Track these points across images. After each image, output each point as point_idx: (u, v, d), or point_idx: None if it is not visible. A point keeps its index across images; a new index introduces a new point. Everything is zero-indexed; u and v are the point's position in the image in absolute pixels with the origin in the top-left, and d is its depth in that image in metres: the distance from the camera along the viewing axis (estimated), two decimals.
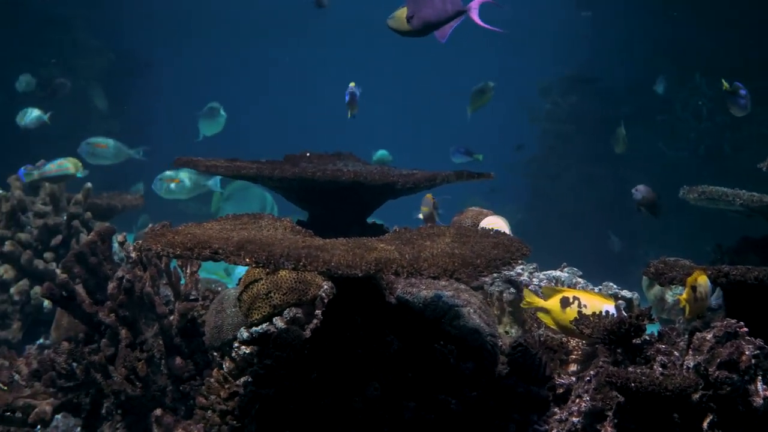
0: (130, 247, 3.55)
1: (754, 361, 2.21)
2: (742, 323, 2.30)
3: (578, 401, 2.49)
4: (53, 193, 4.60)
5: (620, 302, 2.72)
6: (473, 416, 2.50)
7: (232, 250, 2.08)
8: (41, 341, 4.28)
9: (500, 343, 2.91)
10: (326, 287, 2.91)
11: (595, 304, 2.47)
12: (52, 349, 3.34)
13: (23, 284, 4.36)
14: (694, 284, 2.40)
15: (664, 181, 5.45)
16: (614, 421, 2.29)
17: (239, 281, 3.16)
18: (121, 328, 3.23)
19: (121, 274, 3.29)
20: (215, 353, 3.16)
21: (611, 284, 3.56)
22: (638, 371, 2.20)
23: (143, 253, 3.45)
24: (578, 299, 2.50)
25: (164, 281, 3.45)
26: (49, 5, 10.61)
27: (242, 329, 2.96)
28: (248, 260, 2.06)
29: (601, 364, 2.45)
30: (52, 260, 4.48)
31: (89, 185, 4.75)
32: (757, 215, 3.93)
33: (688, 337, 2.42)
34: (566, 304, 2.49)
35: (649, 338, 2.42)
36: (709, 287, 2.46)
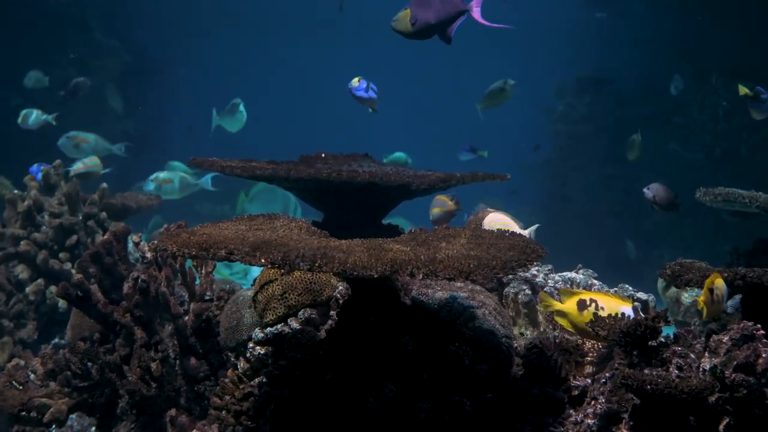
0: (145, 247, 3.56)
1: None
2: (758, 326, 2.29)
3: (594, 403, 2.49)
4: (69, 193, 4.61)
5: (636, 304, 2.70)
6: (488, 418, 2.50)
7: (247, 250, 2.08)
8: (56, 341, 4.30)
9: (515, 344, 2.90)
10: (341, 288, 2.90)
11: (612, 306, 2.46)
12: (67, 348, 3.35)
13: (39, 284, 4.37)
14: (711, 286, 2.39)
15: (678, 182, 5.43)
16: (630, 423, 2.28)
17: (254, 281, 3.17)
18: (136, 328, 3.24)
19: (136, 274, 3.29)
20: (230, 353, 3.17)
21: (627, 286, 3.54)
22: (654, 373, 2.19)
23: (158, 253, 3.45)
24: (595, 301, 2.49)
25: (179, 281, 3.45)
26: (64, 5, 10.63)
27: (257, 330, 2.96)
28: (264, 261, 2.05)
29: (616, 366, 2.44)
30: (67, 260, 4.49)
31: (105, 185, 4.76)
32: (754, 216, 3.91)
33: (704, 339, 2.41)
34: (583, 306, 2.48)
35: (665, 340, 2.41)
36: (725, 290, 2.44)
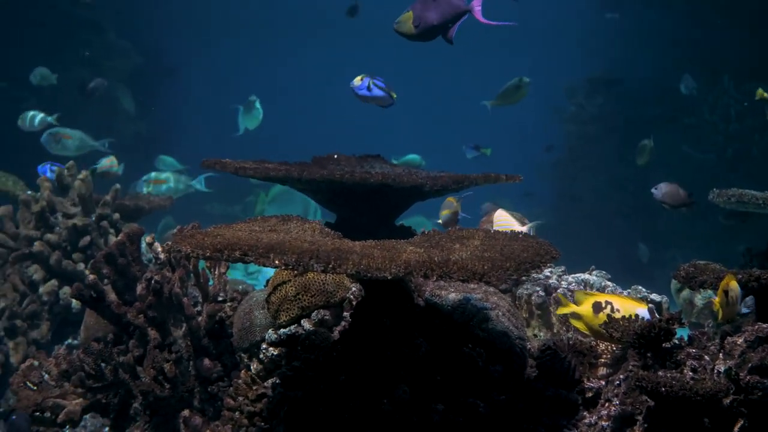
0: (158, 248, 3.57)
1: None
2: None
3: (608, 405, 2.48)
4: (82, 194, 4.63)
5: (651, 306, 2.69)
6: (502, 419, 2.49)
7: (261, 252, 2.08)
8: (70, 341, 4.32)
9: (529, 346, 2.89)
10: (354, 289, 2.91)
11: (628, 307, 2.46)
12: (80, 349, 3.37)
13: (52, 284, 4.39)
14: (726, 288, 2.38)
15: (690, 183, 5.40)
16: (644, 425, 2.28)
17: (267, 283, 3.17)
18: (149, 329, 3.25)
19: (149, 275, 3.31)
20: (243, 355, 3.17)
21: (640, 287, 3.54)
22: (668, 375, 2.19)
23: (172, 254, 3.47)
24: (611, 303, 2.49)
25: (192, 282, 3.46)
26: (77, 7, 10.65)
27: (270, 331, 2.97)
28: (277, 262, 2.06)
29: (630, 368, 2.44)
30: (80, 261, 4.50)
31: (118, 186, 4.79)
32: (751, 218, 3.89)
33: (718, 341, 2.41)
34: (599, 308, 2.48)
35: (679, 342, 2.40)
36: (740, 291, 2.44)
